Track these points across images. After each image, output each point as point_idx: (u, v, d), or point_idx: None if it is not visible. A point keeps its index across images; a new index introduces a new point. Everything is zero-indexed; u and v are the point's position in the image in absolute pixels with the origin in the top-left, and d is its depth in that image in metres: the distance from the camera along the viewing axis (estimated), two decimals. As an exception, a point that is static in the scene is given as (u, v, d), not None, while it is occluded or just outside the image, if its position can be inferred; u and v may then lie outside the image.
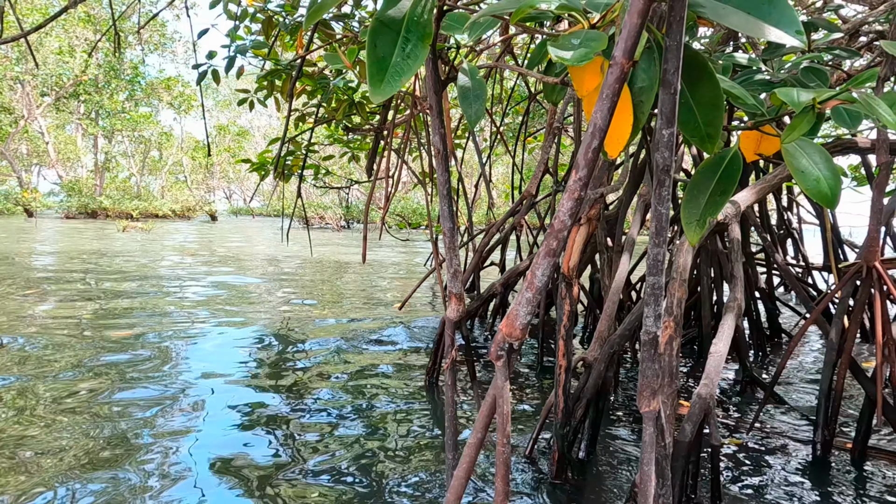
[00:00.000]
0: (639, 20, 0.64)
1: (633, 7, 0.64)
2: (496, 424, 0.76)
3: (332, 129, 4.73)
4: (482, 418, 0.80)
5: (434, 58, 0.94)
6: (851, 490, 2.02)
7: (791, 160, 1.27)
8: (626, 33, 0.65)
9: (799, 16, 4.06)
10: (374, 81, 0.73)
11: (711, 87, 1.07)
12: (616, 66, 0.66)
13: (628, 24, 0.65)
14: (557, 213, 0.69)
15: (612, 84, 0.67)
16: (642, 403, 0.80)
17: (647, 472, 0.81)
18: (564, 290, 1.67)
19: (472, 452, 0.80)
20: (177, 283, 6.78)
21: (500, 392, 0.76)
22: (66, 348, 3.59)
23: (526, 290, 0.72)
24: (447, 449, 1.02)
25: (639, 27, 0.64)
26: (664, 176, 0.76)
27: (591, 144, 0.69)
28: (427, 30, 0.76)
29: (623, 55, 0.66)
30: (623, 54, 0.66)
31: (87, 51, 25.63)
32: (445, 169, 1.03)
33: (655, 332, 0.76)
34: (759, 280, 4.09)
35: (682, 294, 1.57)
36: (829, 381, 2.07)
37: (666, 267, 2.22)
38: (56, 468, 2.01)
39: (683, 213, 1.24)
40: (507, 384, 0.76)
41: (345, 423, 2.53)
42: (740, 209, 1.94)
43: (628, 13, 0.64)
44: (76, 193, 28.73)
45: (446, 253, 1.01)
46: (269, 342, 4.00)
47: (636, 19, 0.64)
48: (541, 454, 2.18)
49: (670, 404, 1.42)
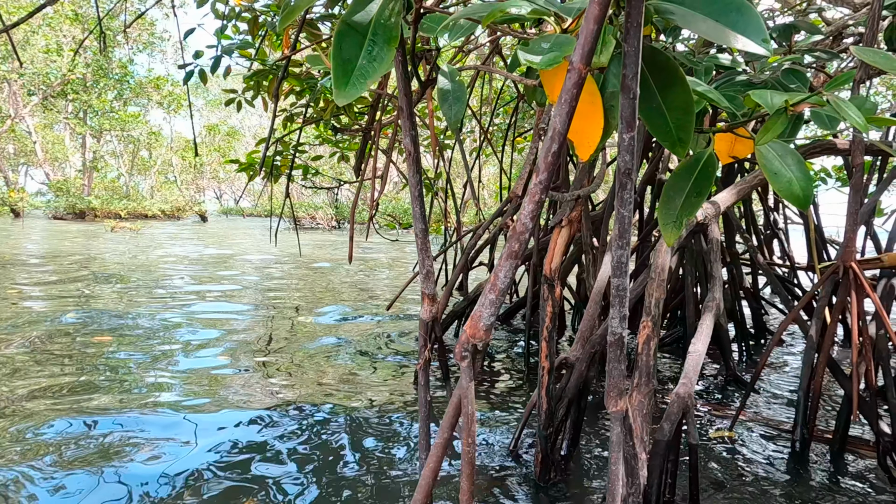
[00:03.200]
0: (595, 26, 0.65)
1: (590, 13, 0.65)
2: (462, 425, 0.77)
3: (321, 129, 4.73)
4: (448, 419, 0.80)
5: (404, 60, 0.95)
6: (829, 486, 2.05)
7: (764, 162, 1.28)
8: (583, 39, 0.66)
9: (784, 17, 4.08)
10: (339, 83, 0.74)
11: (682, 92, 1.08)
12: (574, 72, 0.67)
13: (585, 31, 0.66)
14: (518, 216, 0.70)
15: (571, 89, 0.68)
16: (609, 404, 0.81)
17: (615, 471, 0.82)
18: (547, 292, 1.68)
19: (438, 452, 0.81)
20: (164, 282, 6.74)
21: (464, 393, 0.77)
22: (44, 352, 3.56)
23: (489, 292, 0.73)
24: (420, 448, 1.03)
25: (595, 33, 0.65)
26: (626, 179, 0.77)
27: (550, 148, 0.70)
28: (394, 33, 0.76)
29: (580, 61, 0.67)
30: (580, 60, 0.67)
31: (74, 49, 25.38)
32: (417, 171, 1.04)
33: (621, 334, 0.77)
34: (744, 280, 4.12)
35: (661, 295, 1.59)
36: (808, 380, 2.10)
37: (631, 269, 2.23)
38: (24, 459, 1.99)
39: (660, 215, 1.26)
40: (472, 385, 0.77)
41: (331, 421, 2.53)
42: (720, 210, 1.96)
43: (585, 19, 0.65)
44: (64, 193, 28.45)
45: (418, 254, 1.02)
46: (255, 340, 3.99)
47: (592, 25, 0.65)
48: (524, 454, 2.20)
49: (647, 403, 1.43)
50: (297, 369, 3.37)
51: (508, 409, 2.81)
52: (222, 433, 2.39)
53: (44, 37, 25.19)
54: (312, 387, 3.04)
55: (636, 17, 0.72)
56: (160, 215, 31.14)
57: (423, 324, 1.06)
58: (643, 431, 1.38)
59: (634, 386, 1.46)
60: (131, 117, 30.64)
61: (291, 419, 2.57)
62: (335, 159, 4.93)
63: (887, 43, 2.44)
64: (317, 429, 2.47)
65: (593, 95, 1.00)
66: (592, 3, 0.65)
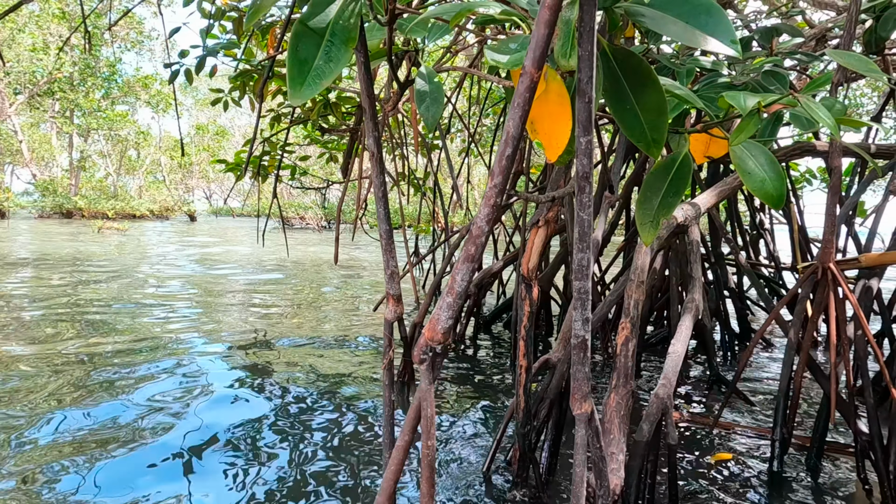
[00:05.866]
0: (545, 31, 0.64)
1: (540, 18, 0.64)
2: (422, 428, 0.76)
3: (309, 129, 4.71)
4: (409, 421, 0.80)
5: (366, 62, 0.94)
6: (808, 486, 2.06)
7: (738, 162, 1.29)
8: (534, 43, 0.65)
9: (769, 20, 4.08)
10: (295, 84, 0.73)
11: (655, 93, 1.08)
12: (526, 76, 0.67)
13: (535, 35, 0.65)
14: (475, 219, 0.70)
15: (523, 93, 0.68)
16: (574, 406, 0.80)
17: (580, 473, 0.82)
18: (524, 292, 1.67)
19: (399, 455, 0.80)
20: (152, 282, 6.68)
21: (424, 395, 0.76)
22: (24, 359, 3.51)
23: (447, 296, 0.72)
24: (384, 447, 1.02)
25: (546, 38, 0.65)
26: (584, 183, 0.76)
27: (504, 152, 0.69)
28: (352, 34, 0.75)
29: (532, 65, 0.66)
30: (532, 64, 0.66)
31: (59, 47, 25.12)
32: (381, 172, 1.03)
33: (584, 336, 0.77)
34: (729, 281, 4.14)
35: (640, 296, 1.59)
36: (787, 380, 2.11)
37: (592, 272, 2.23)
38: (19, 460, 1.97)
39: (637, 215, 1.26)
40: (432, 387, 0.76)
41: (311, 421, 2.51)
42: (700, 211, 1.96)
43: (536, 24, 0.65)
44: (51, 193, 28.16)
45: (383, 255, 1.01)
46: (242, 340, 3.96)
47: (543, 30, 0.64)
48: (501, 465, 2.19)
49: (625, 404, 1.43)
50: (283, 366, 3.35)
51: (494, 411, 2.80)
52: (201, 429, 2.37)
53: (30, 35, 24.93)
54: (297, 382, 3.02)
55: (589, 22, 0.71)
56: (148, 215, 30.90)
57: (388, 324, 1.05)
58: (621, 432, 1.37)
59: (612, 387, 1.45)
60: (119, 116, 30.37)
61: (278, 412, 2.55)
62: (325, 159, 4.92)
63: (866, 45, 2.46)
64: (301, 431, 2.45)
65: (562, 97, 1.00)
66: (543, 7, 0.64)
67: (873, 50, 2.53)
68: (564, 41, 0.97)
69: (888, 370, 2.08)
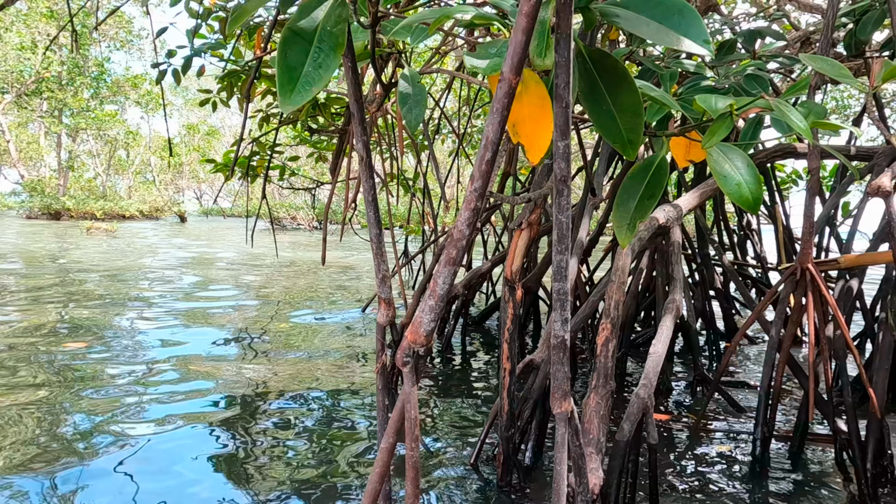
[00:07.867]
0: (523, 37, 0.66)
1: (518, 24, 0.66)
2: (406, 429, 0.77)
3: (298, 129, 4.70)
4: (393, 423, 0.81)
5: (354, 66, 0.95)
6: (789, 484, 2.09)
7: (714, 165, 1.31)
8: (512, 49, 0.67)
9: (757, 22, 4.10)
10: (285, 91, 0.74)
11: (631, 95, 1.09)
12: (504, 82, 0.68)
13: (513, 41, 0.66)
14: (456, 223, 0.71)
15: (501, 99, 0.69)
16: (554, 405, 0.82)
17: (560, 471, 0.83)
18: (508, 294, 1.69)
19: (384, 457, 0.81)
20: (143, 283, 6.65)
21: (407, 397, 0.77)
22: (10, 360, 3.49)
23: (429, 298, 0.73)
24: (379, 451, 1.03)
25: (524, 44, 0.66)
26: (562, 186, 0.78)
27: (483, 157, 0.71)
28: (340, 40, 0.76)
29: (510, 71, 0.68)
30: (510, 70, 0.68)
31: (47, 46, 24.86)
32: (370, 176, 1.04)
33: (563, 336, 0.78)
34: (714, 281, 4.18)
35: (621, 297, 1.61)
36: (768, 379, 2.14)
37: (575, 273, 2.26)
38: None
39: (614, 218, 1.27)
40: (415, 389, 0.77)
41: (303, 423, 2.52)
42: (682, 212, 1.99)
43: (513, 30, 0.66)
44: (38, 193, 27.85)
45: (374, 258, 1.02)
46: (233, 342, 3.95)
47: (521, 36, 0.66)
48: (486, 462, 2.21)
49: (605, 405, 1.45)
50: (274, 367, 3.34)
51: (479, 412, 2.82)
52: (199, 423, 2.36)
53: (17, 33, 24.67)
54: (289, 383, 3.02)
55: (565, 28, 0.73)
56: (138, 216, 30.65)
57: (380, 328, 1.06)
58: (600, 432, 1.39)
59: (592, 387, 1.47)
60: (108, 116, 30.11)
61: (269, 413, 2.55)
62: (314, 159, 4.92)
63: (846, 49, 2.50)
64: (293, 434, 2.46)
65: (542, 99, 1.01)
66: (521, 14, 0.65)
67: (853, 53, 2.57)
68: (539, 41, 0.98)
69: (867, 371, 2.12)
